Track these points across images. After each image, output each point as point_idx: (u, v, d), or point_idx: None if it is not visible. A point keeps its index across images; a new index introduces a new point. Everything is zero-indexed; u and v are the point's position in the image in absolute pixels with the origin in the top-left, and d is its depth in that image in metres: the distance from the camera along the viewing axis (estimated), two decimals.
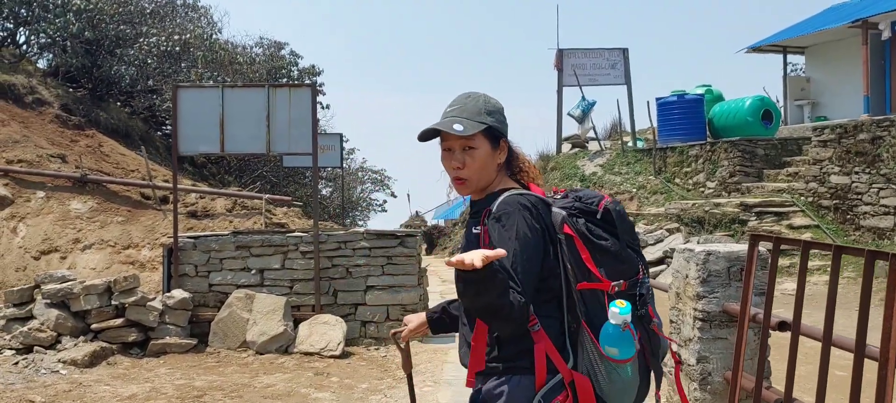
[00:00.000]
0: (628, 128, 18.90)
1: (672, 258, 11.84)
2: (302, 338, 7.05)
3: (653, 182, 16.29)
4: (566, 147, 19.55)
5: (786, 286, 10.51)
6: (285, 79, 21.52)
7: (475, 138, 2.01)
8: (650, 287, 1.98)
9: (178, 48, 16.14)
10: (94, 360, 6.67)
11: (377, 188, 38.96)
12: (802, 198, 12.88)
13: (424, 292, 7.96)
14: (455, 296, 2.01)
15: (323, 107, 22.50)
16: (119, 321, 7.01)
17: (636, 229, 9.31)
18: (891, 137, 11.28)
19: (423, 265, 8.01)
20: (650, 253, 12.78)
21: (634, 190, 16.25)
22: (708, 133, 17.25)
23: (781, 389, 3.98)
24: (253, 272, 7.44)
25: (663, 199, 15.42)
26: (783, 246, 4.05)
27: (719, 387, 4.61)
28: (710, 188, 15.06)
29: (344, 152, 32.97)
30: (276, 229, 7.61)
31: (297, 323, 7.21)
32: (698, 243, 12.08)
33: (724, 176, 14.73)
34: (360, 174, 38.22)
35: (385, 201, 39.05)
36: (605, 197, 2.00)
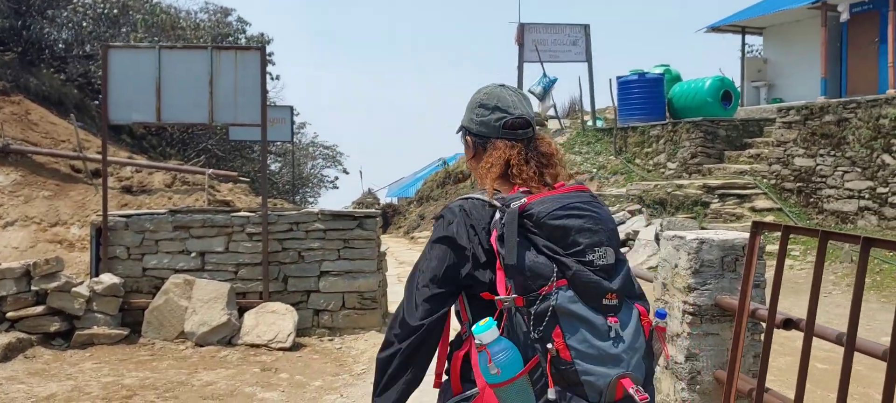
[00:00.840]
0: (589, 107, 18.52)
1: (636, 240, 11.46)
2: (248, 329, 6.38)
3: (613, 162, 15.95)
4: None
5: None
6: None
7: (465, 139, 1.98)
8: (562, 304, 1.61)
9: (115, 11, 15.03)
10: (8, 353, 5.88)
11: (329, 164, 38.03)
12: (765, 180, 12.66)
13: (383, 278, 7.36)
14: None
15: (272, 78, 21.54)
16: (39, 309, 6.22)
17: None
18: (857, 119, 11.09)
19: (381, 248, 7.41)
20: None
21: (595, 170, 15.88)
22: (667, 113, 17.02)
23: (782, 392, 3.56)
24: (193, 255, 6.71)
25: (624, 180, 15.09)
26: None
27: (710, 387, 4.19)
28: (671, 169, 14.78)
29: (294, 126, 32.03)
30: (220, 208, 6.89)
31: (242, 311, 6.53)
32: (661, 226, 11.74)
33: (685, 157, 14.45)
34: (311, 149, 37.24)
35: (336, 178, 38.16)
36: (529, 199, 1.72)
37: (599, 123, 18.27)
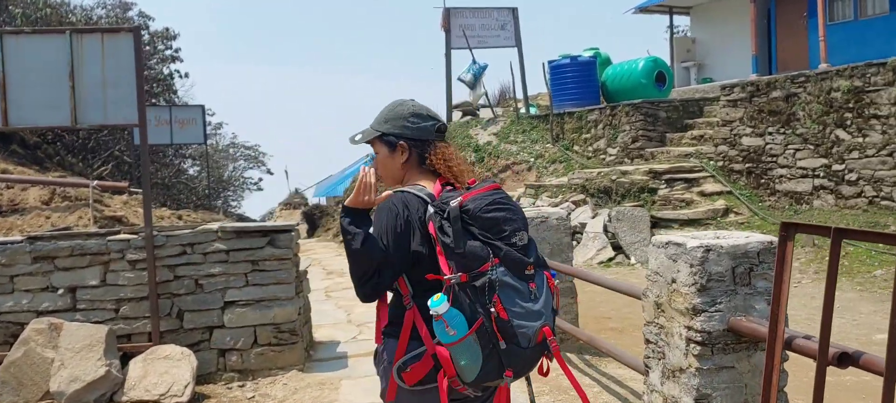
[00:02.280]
0: (521, 94, 17.56)
1: (583, 234, 10.49)
2: (134, 381, 5.02)
3: (551, 150, 15.02)
4: (457, 115, 17.98)
5: None
6: None
7: (374, 143, 2.37)
8: (499, 277, 2.08)
9: None
10: None
11: (251, 165, 36.08)
12: (712, 162, 11.95)
13: (305, 303, 6.09)
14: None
15: (181, 76, 19.76)
16: None
17: (537, 203, 7.38)
18: (806, 94, 10.44)
19: (302, 266, 6.14)
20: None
21: (532, 159, 14.92)
22: (602, 97, 16.25)
23: None
24: (60, 292, 5.29)
25: (563, 169, 14.18)
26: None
27: None
28: (611, 155, 13.96)
29: (209, 127, 29.98)
30: (100, 229, 5.48)
31: (126, 359, 5.16)
32: (610, 217, 10.82)
33: (626, 141, 13.63)
34: (231, 150, 35.19)
35: (260, 179, 36.25)
36: (463, 198, 2.16)
37: (533, 110, 17.34)
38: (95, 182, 7.96)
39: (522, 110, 16.94)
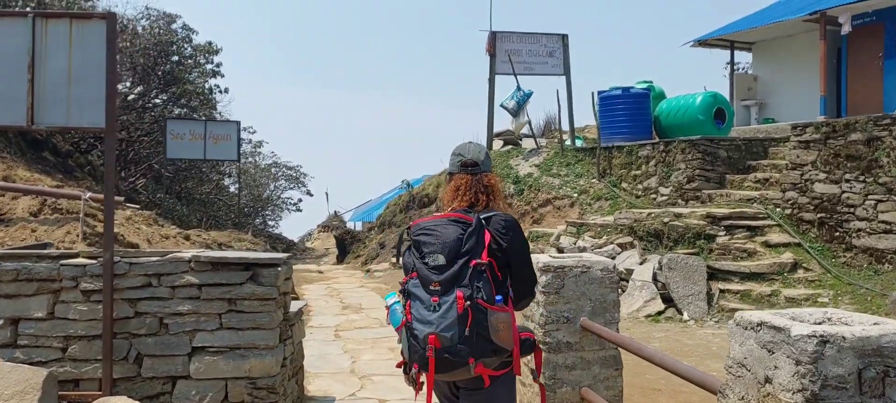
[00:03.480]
0: (567, 125, 16.45)
1: (629, 282, 9.30)
2: None
3: (596, 186, 13.86)
4: (498, 144, 16.96)
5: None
6: (176, 58, 18.20)
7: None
8: (410, 288, 2.63)
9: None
10: None
11: (292, 185, 35.64)
12: (778, 209, 10.64)
13: (295, 350, 5.09)
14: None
15: (221, 92, 19.22)
16: None
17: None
18: (892, 138, 9.13)
19: (295, 306, 5.15)
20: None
21: (575, 194, 13.78)
22: (653, 133, 15.07)
23: None
24: (0, 324, 4.41)
25: (609, 207, 13.01)
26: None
27: None
28: (663, 194, 12.73)
29: (250, 146, 29.49)
30: (45, 252, 4.60)
31: None
32: (660, 264, 9.61)
33: (680, 181, 12.41)
34: (273, 170, 34.80)
35: (300, 200, 35.77)
36: (414, 223, 2.78)
37: (579, 142, 16.22)
38: (88, 194, 7.15)
39: (567, 142, 15.82)
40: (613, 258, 10.51)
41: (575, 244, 10.91)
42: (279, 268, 4.49)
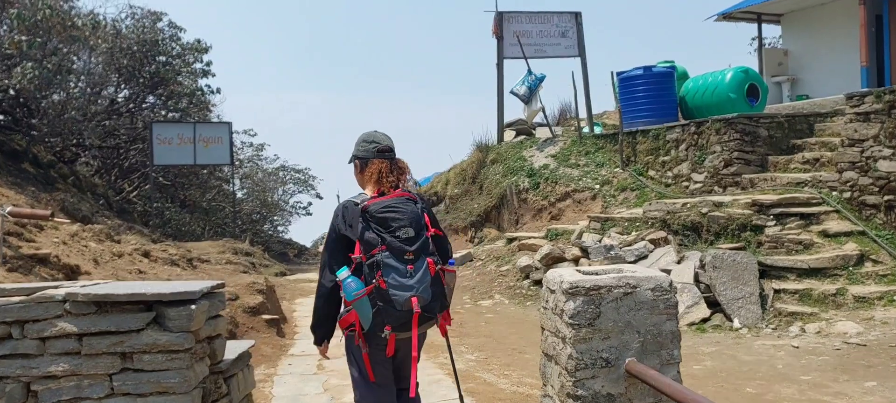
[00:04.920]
0: (584, 112, 14.97)
1: None
2: None
3: (620, 176, 12.39)
4: (509, 135, 15.53)
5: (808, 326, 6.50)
6: (162, 58, 16.94)
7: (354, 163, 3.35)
8: (382, 259, 2.94)
9: None
10: None
11: (300, 189, 34.36)
12: (835, 193, 9.15)
13: None
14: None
15: (212, 92, 17.96)
16: None
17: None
18: None
19: (237, 349, 3.80)
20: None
21: (597, 186, 12.32)
22: (679, 115, 13.59)
23: None
24: None
25: (636, 198, 11.55)
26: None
27: None
28: (696, 181, 11.25)
29: (252, 149, 28.23)
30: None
31: None
32: (702, 263, 8.18)
33: (716, 165, 10.92)
34: (280, 174, 33.56)
35: (310, 204, 34.46)
36: (368, 202, 3.06)
37: (598, 129, 14.75)
38: (9, 208, 5.84)
39: (585, 129, 14.36)
40: (645, 256, 9.07)
41: (600, 242, 9.48)
42: (193, 306, 3.11)
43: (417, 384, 3.21)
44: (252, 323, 7.18)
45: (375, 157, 3.21)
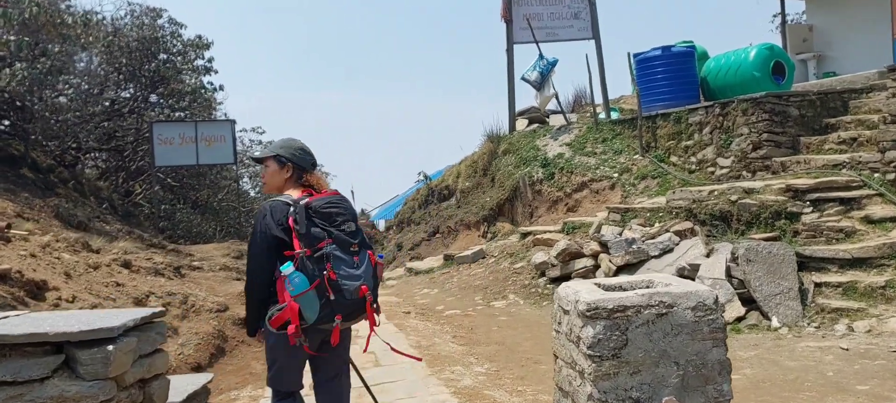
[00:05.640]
0: (599, 97, 14.17)
1: (694, 278, 7.09)
2: None
3: (640, 163, 11.61)
4: (521, 124, 14.78)
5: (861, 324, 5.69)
6: (163, 55, 16.39)
7: (267, 160, 3.43)
8: (331, 251, 3.05)
9: None
10: None
11: None
12: (877, 174, 8.33)
13: None
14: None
15: (215, 89, 17.38)
16: None
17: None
18: None
19: (191, 386, 3.16)
20: (656, 273, 8.09)
21: (615, 174, 11.55)
22: (701, 96, 12.77)
23: None
24: None
25: (657, 186, 10.77)
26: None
27: None
28: (722, 167, 10.46)
29: (259, 147, 27.72)
30: None
31: None
32: (734, 255, 7.15)
33: (744, 149, 10.11)
34: None
35: None
36: (309, 200, 3.19)
37: (615, 114, 13.95)
38: None
39: (601, 115, 13.57)
40: (670, 250, 8.31)
41: (620, 235, 8.73)
42: (110, 347, 2.45)
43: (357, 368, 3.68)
44: (242, 336, 6.55)
45: (309, 168, 3.42)
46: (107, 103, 15.90)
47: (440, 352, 6.50)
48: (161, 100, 16.84)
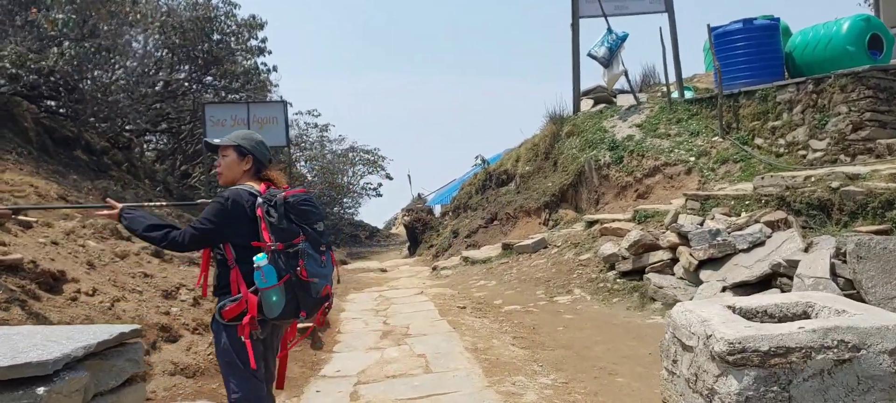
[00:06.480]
0: (672, 74, 13.04)
1: (794, 279, 6.10)
2: None
3: (720, 146, 10.52)
4: (587, 104, 13.78)
5: None
6: (217, 36, 15.99)
7: (227, 149, 3.27)
8: (305, 248, 3.02)
9: None
10: None
11: (370, 170, 33.38)
12: None
13: None
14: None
15: (269, 70, 16.93)
16: None
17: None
18: None
19: None
20: (745, 269, 7.08)
21: (692, 158, 10.50)
22: (785, 73, 11.55)
23: None
24: None
25: (740, 171, 9.68)
26: None
27: None
28: (816, 150, 9.30)
29: (316, 130, 27.33)
30: None
31: None
32: (841, 251, 6.10)
33: (842, 129, 8.94)
34: (350, 155, 32.66)
35: (380, 184, 33.40)
36: (290, 193, 3.11)
37: (689, 93, 12.82)
38: None
39: (675, 94, 12.46)
40: (762, 243, 7.29)
41: (702, 225, 7.75)
42: (40, 390, 1.75)
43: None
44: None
45: (266, 161, 3.33)
46: (159, 85, 15.61)
47: (499, 357, 5.72)
48: (215, 81, 16.48)
